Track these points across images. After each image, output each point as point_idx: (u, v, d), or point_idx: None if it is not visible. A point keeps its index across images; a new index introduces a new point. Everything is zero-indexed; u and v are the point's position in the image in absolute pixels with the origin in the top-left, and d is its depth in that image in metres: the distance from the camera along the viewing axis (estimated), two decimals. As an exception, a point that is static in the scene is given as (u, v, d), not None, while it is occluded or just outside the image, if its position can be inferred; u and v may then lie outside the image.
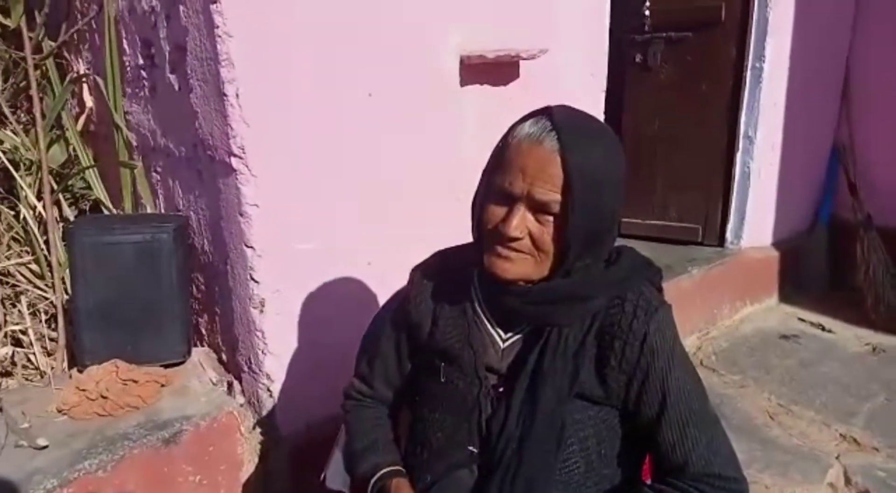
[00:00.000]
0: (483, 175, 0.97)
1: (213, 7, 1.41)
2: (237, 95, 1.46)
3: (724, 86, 2.90)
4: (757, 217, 3.01)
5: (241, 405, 1.70)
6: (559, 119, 0.87)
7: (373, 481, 1.05)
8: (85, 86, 2.52)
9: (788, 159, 3.02)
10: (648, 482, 1.03)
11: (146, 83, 1.97)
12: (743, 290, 3.03)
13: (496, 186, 0.91)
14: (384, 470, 1.06)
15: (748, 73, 2.83)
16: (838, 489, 1.91)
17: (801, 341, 2.79)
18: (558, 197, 0.85)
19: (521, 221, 0.88)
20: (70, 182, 2.36)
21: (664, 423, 0.92)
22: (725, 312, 2.96)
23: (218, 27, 1.41)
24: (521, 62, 1.94)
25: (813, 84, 3.03)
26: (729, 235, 3.04)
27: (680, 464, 0.91)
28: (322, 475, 1.20)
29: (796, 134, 3.01)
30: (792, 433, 2.15)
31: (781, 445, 2.09)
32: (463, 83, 1.84)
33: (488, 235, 0.92)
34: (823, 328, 2.91)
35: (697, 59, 2.91)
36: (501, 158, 0.91)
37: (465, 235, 1.05)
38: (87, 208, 2.53)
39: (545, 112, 0.89)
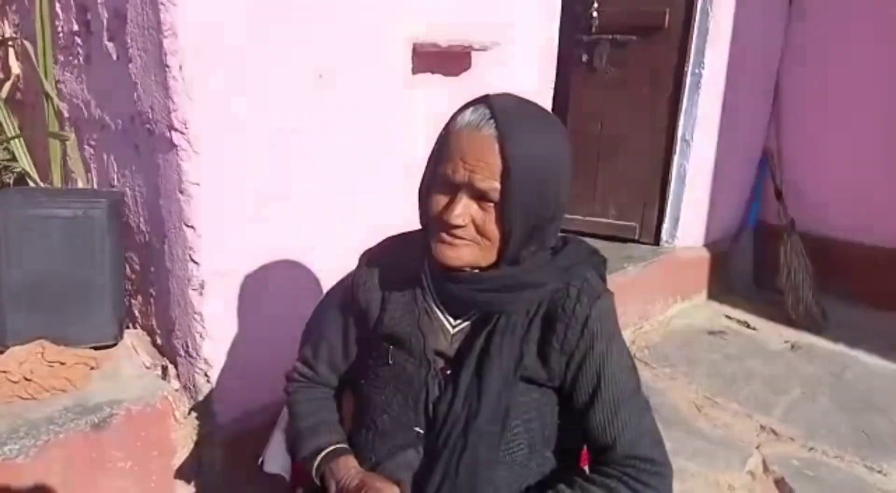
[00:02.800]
0: (427, 163, 0.97)
1: (157, -26, 1.35)
2: (180, 68, 1.41)
3: (664, 90, 3.00)
4: (690, 218, 3.14)
5: (177, 390, 1.64)
6: (498, 106, 0.87)
7: (318, 460, 1.04)
8: (11, 51, 2.36)
9: (722, 164, 3.16)
10: (586, 468, 1.07)
11: (80, 51, 1.87)
12: (675, 287, 3.15)
13: (439, 175, 0.91)
14: (329, 449, 1.05)
15: (688, 79, 2.94)
16: (757, 476, 2.02)
17: (727, 338, 2.93)
18: (497, 185, 0.86)
19: (464, 209, 0.88)
20: (-8, 153, 2.22)
21: (597, 404, 0.95)
22: (658, 308, 3.07)
23: (163, -5, 1.36)
24: (474, 54, 1.95)
25: (747, 92, 3.18)
26: (664, 234, 3.16)
27: (608, 445, 0.94)
28: (260, 460, 1.17)
29: (730, 140, 3.15)
30: (716, 424, 2.26)
31: (706, 435, 2.19)
32: (415, 71, 1.83)
33: (434, 223, 0.93)
34: (748, 326, 3.06)
35: (641, 63, 3.00)
36: (443, 147, 0.92)
37: (415, 222, 1.04)
38: (12, 181, 2.38)
39: (485, 100, 0.90)
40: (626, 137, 3.11)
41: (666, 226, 3.15)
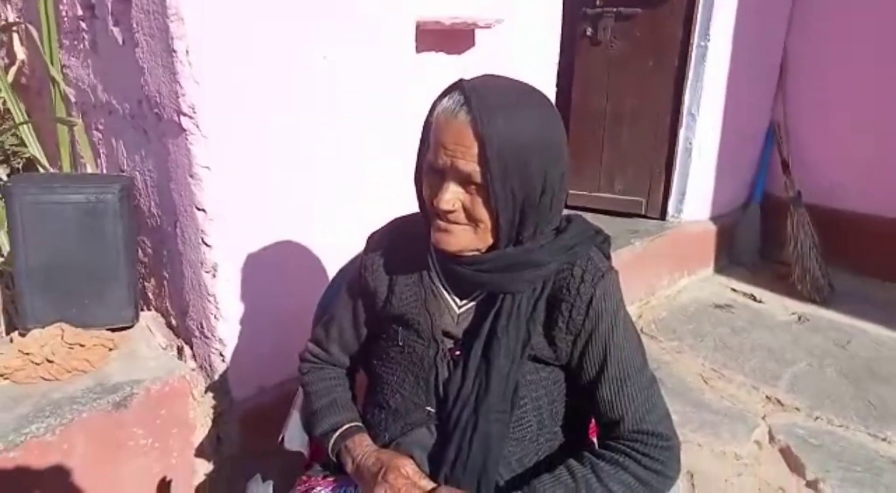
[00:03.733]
0: (418, 152, 0.99)
1: (162, -42, 1.35)
2: (187, 52, 1.42)
3: (670, 63, 2.97)
4: (696, 192, 3.14)
5: (193, 370, 1.68)
6: (469, 90, 0.88)
7: (334, 437, 1.07)
8: (16, 36, 2.37)
9: (728, 137, 3.15)
10: (594, 440, 1.10)
11: (86, 36, 1.87)
12: (681, 261, 3.16)
13: (427, 163, 0.94)
14: (345, 427, 1.08)
15: (693, 52, 2.91)
16: (763, 446, 2.05)
17: (734, 311, 2.95)
18: (477, 167, 0.87)
19: (452, 195, 0.90)
20: (1, 138, 2.24)
21: (603, 380, 0.97)
22: (664, 282, 3.09)
23: (167, -21, 1.36)
24: (477, 31, 1.94)
25: (753, 64, 3.15)
26: (670, 208, 3.16)
27: (616, 420, 0.97)
28: (280, 437, 1.21)
29: (736, 112, 3.13)
30: (723, 396, 2.29)
31: (713, 407, 2.22)
32: (419, 50, 1.83)
33: (430, 210, 0.95)
34: (754, 298, 3.08)
35: (646, 36, 2.98)
36: (427, 136, 0.94)
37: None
38: (21, 167, 2.41)
39: (458, 85, 0.91)
40: (632, 111, 3.10)
41: (672, 200, 3.15)
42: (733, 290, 3.18)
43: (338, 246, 1.63)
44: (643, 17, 2.95)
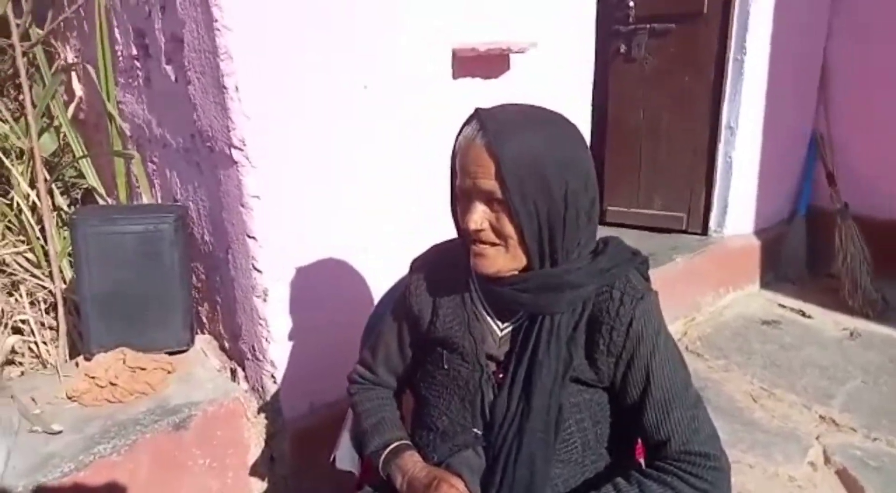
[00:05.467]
0: (450, 181, 1.04)
1: (211, 1, 1.42)
2: (237, 88, 1.49)
3: (706, 77, 2.96)
4: (739, 206, 3.10)
5: (246, 391, 1.74)
6: (484, 116, 0.94)
7: (384, 454, 1.10)
8: (74, 74, 2.51)
9: (769, 149, 3.11)
10: (641, 461, 1.10)
11: (140, 73, 1.98)
12: (726, 277, 3.11)
13: (455, 189, 1.00)
14: (395, 444, 1.11)
15: (730, 65, 2.90)
16: (818, 467, 2.00)
17: (782, 327, 2.89)
18: (495, 183, 0.92)
19: (479, 215, 0.94)
20: (61, 171, 2.36)
21: (648, 403, 0.98)
22: (709, 298, 3.05)
23: (217, 21, 1.43)
24: (512, 55, 1.98)
25: (792, 75, 3.11)
26: (712, 223, 3.12)
27: (662, 442, 0.97)
28: (331, 457, 1.24)
29: (776, 124, 3.09)
30: (774, 415, 2.24)
31: (764, 426, 2.18)
32: (455, 76, 1.88)
33: (464, 234, 1.00)
34: (803, 314, 3.01)
35: (680, 51, 2.98)
36: (454, 164, 1.00)
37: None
38: (79, 197, 2.53)
39: (475, 114, 0.96)
40: (668, 126, 3.09)
41: (714, 215, 3.11)
42: (781, 305, 3.11)
43: (382, 270, 1.67)
44: (677, 32, 2.95)
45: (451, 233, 1.12)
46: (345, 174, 1.71)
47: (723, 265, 3.07)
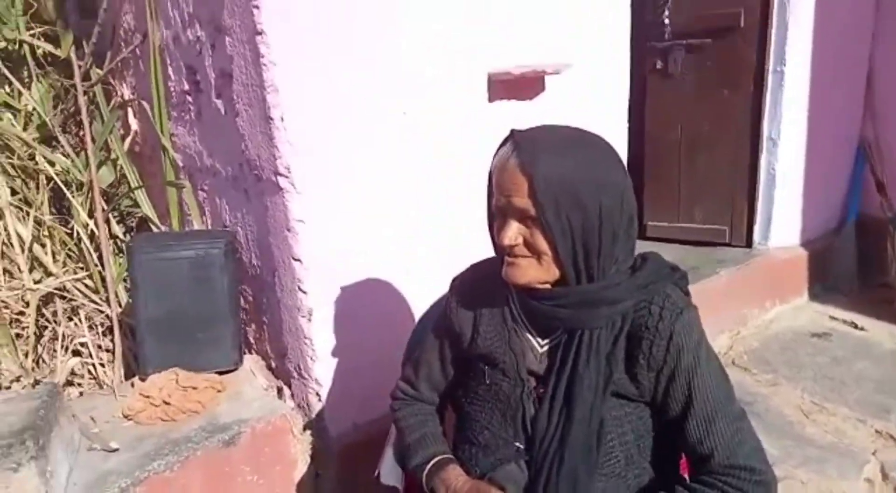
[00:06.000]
0: (487, 201, 1.08)
1: (258, 38, 1.50)
2: (282, 119, 1.56)
3: (745, 90, 2.93)
4: (784, 218, 3.04)
5: (292, 409, 1.79)
6: (519, 137, 0.98)
7: (427, 468, 1.12)
8: (130, 110, 2.66)
9: (813, 160, 3.04)
10: (685, 475, 1.10)
11: (192, 107, 2.09)
12: (772, 289, 3.05)
13: (491, 207, 1.04)
14: (438, 458, 1.13)
15: (769, 78, 2.86)
16: (876, 484, 1.93)
17: (833, 339, 2.80)
18: (529, 201, 0.95)
19: (514, 232, 0.98)
20: (118, 201, 2.50)
21: (690, 417, 0.98)
22: (755, 311, 2.98)
23: (263, 56, 1.51)
24: (547, 77, 2.01)
25: (835, 84, 3.05)
26: (756, 236, 3.07)
27: (706, 456, 0.97)
28: (376, 472, 1.28)
29: (821, 134, 3.03)
30: (826, 430, 2.17)
31: (816, 442, 2.11)
32: (491, 99, 1.92)
33: (499, 250, 1.03)
34: (856, 326, 2.91)
35: (718, 65, 2.95)
36: (490, 184, 1.04)
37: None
38: (134, 225, 2.66)
39: (511, 136, 1.00)
40: (707, 140, 3.06)
41: (758, 227, 3.06)
42: (831, 317, 3.02)
43: (423, 290, 1.70)
44: (714, 47, 2.94)
45: (490, 253, 1.15)
46: (386, 198, 1.76)
47: (768, 278, 3.01)
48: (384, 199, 1.76)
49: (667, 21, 2.96)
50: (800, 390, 2.42)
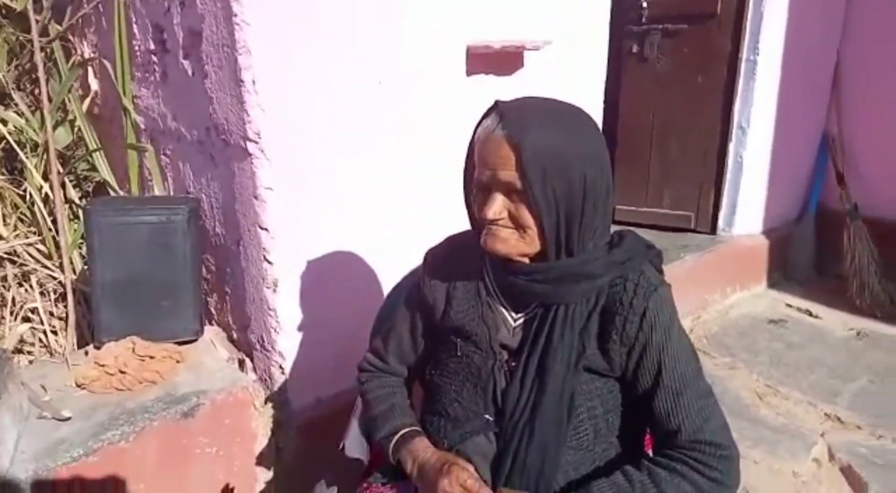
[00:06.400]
0: (464, 174, 1.06)
1: (230, -5, 1.44)
2: (254, 82, 1.51)
3: (718, 78, 2.96)
4: (748, 206, 3.10)
5: (254, 381, 1.76)
6: (504, 108, 0.96)
7: (394, 440, 1.11)
8: (90, 69, 2.54)
9: (779, 150, 3.10)
10: (649, 451, 1.11)
11: (157, 68, 2.00)
12: (733, 276, 3.11)
13: (474, 181, 1.01)
14: (404, 431, 1.12)
15: (742, 66, 2.89)
16: (823, 464, 2.00)
17: (789, 326, 2.89)
18: (516, 174, 0.93)
19: (499, 205, 0.96)
20: (74, 164, 2.39)
21: (659, 392, 0.99)
22: (716, 297, 3.05)
23: (236, 16, 1.45)
24: (526, 52, 1.99)
25: (805, 75, 3.10)
26: (721, 222, 3.12)
27: (672, 431, 0.98)
28: (341, 445, 1.26)
29: (788, 125, 3.08)
30: (779, 413, 2.24)
31: (769, 423, 2.18)
32: (469, 73, 1.89)
33: (481, 224, 1.01)
34: (810, 314, 3.00)
35: (693, 51, 2.97)
36: (471, 156, 1.02)
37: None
38: (91, 190, 2.56)
39: (495, 106, 0.98)
40: (679, 126, 3.09)
41: (723, 214, 3.11)
42: (788, 305, 3.11)
43: (393, 262, 1.69)
44: (690, 32, 2.95)
45: (465, 226, 1.13)
46: (358, 168, 1.72)
47: (730, 264, 3.07)
48: (356, 170, 1.72)
49: (644, 5, 2.96)
50: (756, 374, 2.48)
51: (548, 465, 0.99)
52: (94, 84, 2.54)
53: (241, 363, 1.83)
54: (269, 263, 1.64)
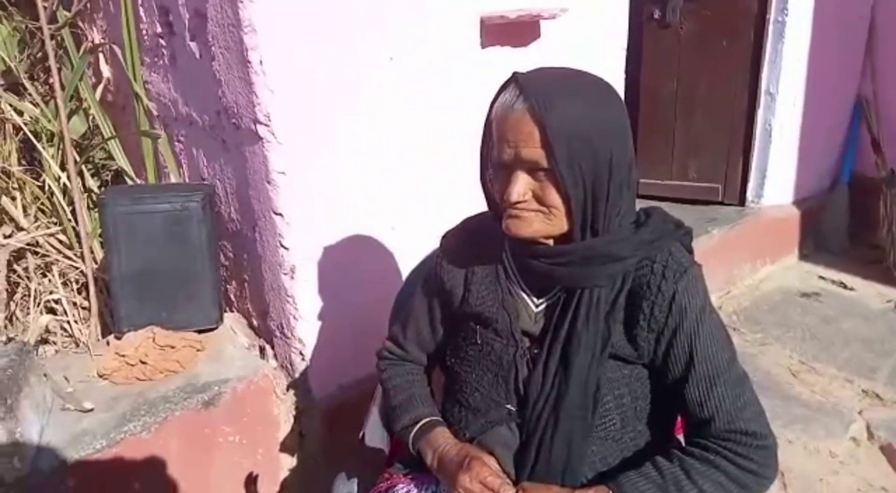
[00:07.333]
0: (480, 153, 1.00)
1: (234, -27, 1.39)
2: (261, 62, 1.46)
3: (744, 41, 2.84)
4: (778, 175, 2.99)
5: (275, 368, 1.74)
6: (524, 81, 0.89)
7: (414, 430, 1.08)
8: (101, 55, 2.51)
9: (810, 116, 2.98)
10: (681, 437, 1.06)
11: (165, 51, 1.96)
12: (763, 249, 3.02)
13: (493, 160, 0.94)
14: (425, 420, 1.09)
15: (770, 28, 2.77)
16: (861, 442, 1.94)
17: (822, 299, 2.80)
18: (541, 151, 0.87)
19: (523, 185, 0.90)
20: (91, 153, 2.38)
21: (691, 380, 0.94)
22: (746, 271, 2.97)
23: (240, -7, 1.40)
24: (542, 22, 1.91)
25: (837, 37, 2.96)
26: (749, 194, 3.03)
27: (706, 420, 0.93)
28: (361, 434, 1.23)
29: (819, 89, 2.95)
30: (814, 390, 2.18)
31: (804, 401, 2.12)
32: (484, 45, 1.83)
33: (502, 205, 0.95)
34: (844, 286, 2.91)
35: (718, 14, 2.86)
36: (489, 133, 0.95)
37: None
38: (109, 178, 2.55)
39: (512, 79, 0.91)
40: (705, 94, 2.98)
41: (751, 185, 3.01)
42: (821, 277, 3.01)
43: (411, 246, 1.65)
44: (714, -5, 2.83)
45: (483, 207, 1.08)
46: (371, 149, 1.68)
47: (760, 237, 2.98)
48: (370, 150, 1.67)
49: (666, -32, 2.84)
50: (788, 350, 2.42)
51: (574, 456, 0.95)
52: (105, 71, 2.52)
53: (262, 351, 1.82)
54: (286, 249, 1.61)
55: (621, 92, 2.25)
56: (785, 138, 2.94)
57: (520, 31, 1.87)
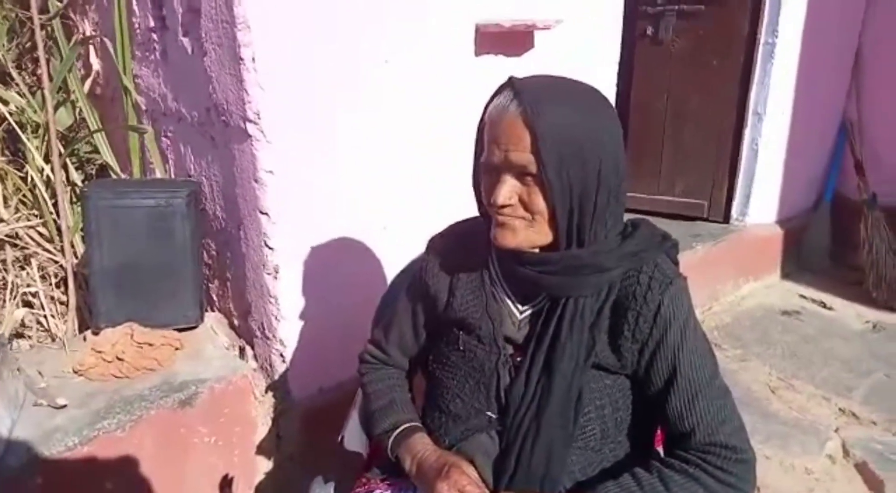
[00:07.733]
0: (473, 155, 0.99)
1: (229, -32, 1.39)
2: (253, 60, 1.45)
3: (735, 61, 2.88)
4: (762, 194, 3.02)
5: (255, 369, 1.72)
6: (519, 85, 0.89)
7: (393, 435, 1.07)
8: (91, 48, 2.49)
9: (797, 136, 3.02)
10: (660, 449, 1.06)
11: (157, 46, 1.95)
12: (746, 266, 3.05)
13: (482, 163, 0.94)
14: (404, 426, 1.08)
15: (760, 49, 2.81)
16: (836, 460, 1.95)
17: (803, 318, 2.83)
18: (531, 156, 0.87)
19: (509, 189, 0.90)
20: (76, 146, 2.35)
21: (673, 392, 0.94)
22: (728, 287, 2.99)
23: (235, -11, 1.40)
24: (536, 33, 1.92)
25: (824, 60, 3.01)
26: (734, 211, 3.06)
27: (687, 433, 0.93)
28: (340, 437, 1.22)
29: (805, 111, 3.00)
30: (792, 407, 2.19)
31: (781, 418, 2.13)
32: (478, 53, 1.83)
33: (489, 209, 0.95)
34: (824, 305, 2.94)
35: (710, 34, 2.89)
36: (481, 136, 0.95)
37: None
38: (94, 172, 2.52)
39: (508, 83, 0.91)
40: (694, 111, 3.01)
41: (736, 203, 3.04)
42: (802, 296, 3.04)
43: (398, 248, 1.64)
44: (707, 14, 2.87)
45: (473, 211, 1.07)
46: (362, 151, 1.67)
47: (743, 254, 3.00)
48: (361, 152, 1.67)
49: (660, -15, 2.87)
50: (768, 367, 2.43)
51: (553, 466, 0.94)
52: (95, 63, 2.49)
53: (242, 351, 1.80)
54: (270, 248, 1.60)
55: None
56: (770, 158, 2.97)
57: (514, 40, 1.88)
